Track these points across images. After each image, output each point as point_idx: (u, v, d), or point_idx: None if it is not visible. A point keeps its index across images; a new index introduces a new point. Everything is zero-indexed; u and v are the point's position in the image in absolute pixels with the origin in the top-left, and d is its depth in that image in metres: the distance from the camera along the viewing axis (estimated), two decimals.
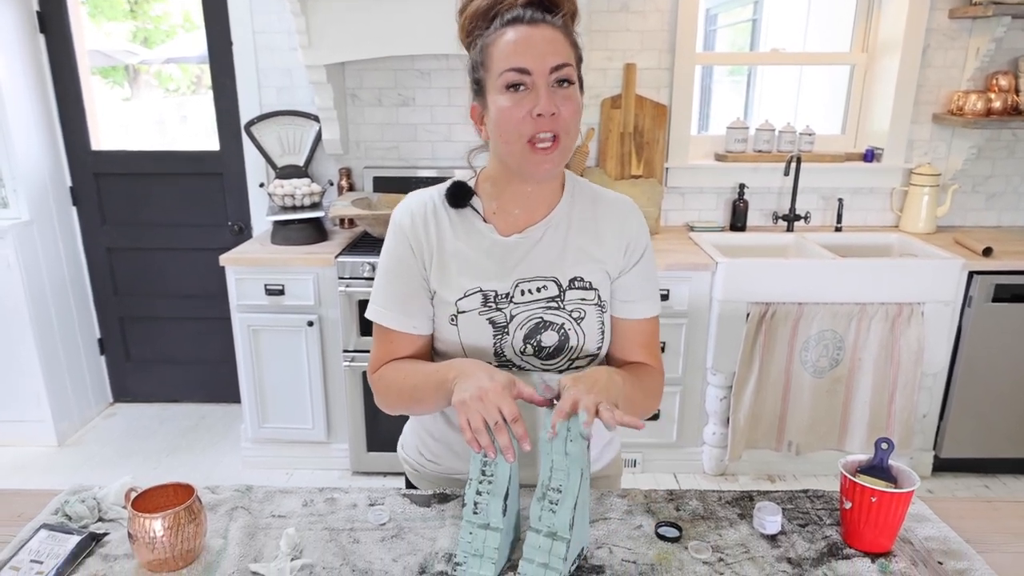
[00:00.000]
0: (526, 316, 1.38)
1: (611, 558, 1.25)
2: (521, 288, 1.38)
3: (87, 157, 3.87)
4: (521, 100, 1.26)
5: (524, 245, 1.40)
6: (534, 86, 1.25)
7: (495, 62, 1.27)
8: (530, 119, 1.25)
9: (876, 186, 3.75)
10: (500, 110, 1.27)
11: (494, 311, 1.38)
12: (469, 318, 1.38)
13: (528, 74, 1.25)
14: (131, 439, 3.90)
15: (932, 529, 1.34)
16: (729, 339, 3.21)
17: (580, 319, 1.39)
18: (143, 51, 4.51)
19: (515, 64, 1.25)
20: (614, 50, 3.58)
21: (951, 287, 3.16)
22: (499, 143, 1.31)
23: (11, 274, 3.54)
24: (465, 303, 1.38)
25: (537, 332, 1.38)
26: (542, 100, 1.24)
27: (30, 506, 1.42)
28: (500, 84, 1.27)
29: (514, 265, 1.39)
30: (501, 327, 1.38)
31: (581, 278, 1.40)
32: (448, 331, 1.41)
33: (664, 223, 3.81)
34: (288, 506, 1.40)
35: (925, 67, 3.57)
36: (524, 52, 1.25)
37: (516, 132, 1.27)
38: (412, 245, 1.41)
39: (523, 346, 1.38)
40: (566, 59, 1.27)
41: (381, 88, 3.65)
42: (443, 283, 1.40)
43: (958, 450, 3.45)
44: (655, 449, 3.49)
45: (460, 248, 1.40)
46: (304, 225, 3.40)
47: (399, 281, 1.42)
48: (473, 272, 1.39)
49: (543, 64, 1.25)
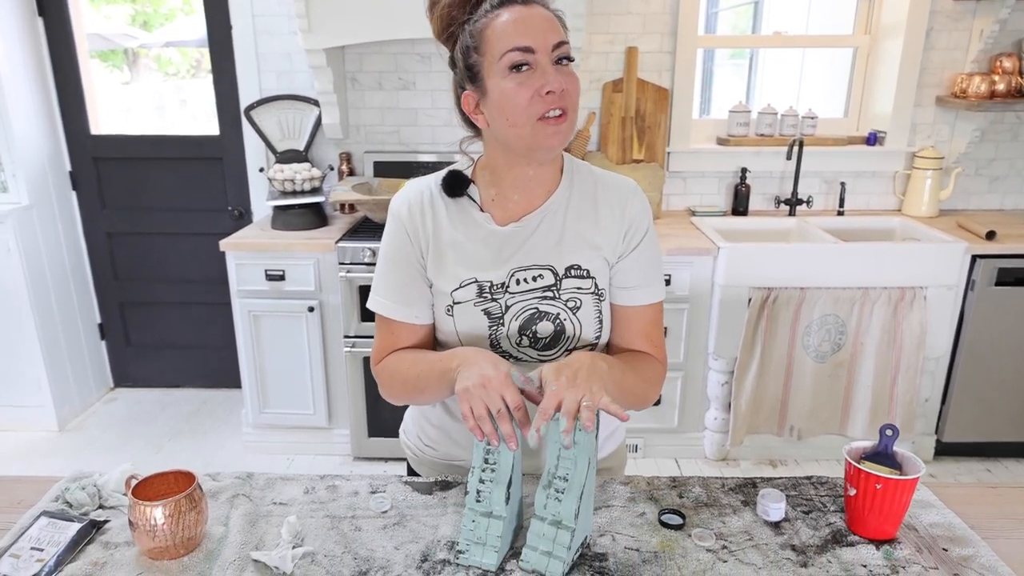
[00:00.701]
0: (521, 306, 1.36)
1: (614, 546, 1.24)
2: (517, 277, 1.37)
3: (86, 141, 3.85)
4: (527, 80, 1.23)
5: (521, 234, 1.38)
6: (538, 65, 1.23)
7: (493, 45, 1.25)
8: (539, 98, 1.23)
9: (879, 170, 3.73)
10: (505, 93, 1.25)
11: (489, 302, 1.37)
12: (464, 309, 1.37)
13: (532, 52, 1.23)
14: (132, 424, 3.90)
15: (937, 516, 1.33)
16: (731, 324, 3.20)
17: (576, 308, 1.37)
18: (142, 34, 4.48)
19: (518, 43, 1.23)
20: (616, 33, 3.55)
21: (954, 271, 3.15)
22: (504, 127, 1.28)
23: (11, 259, 3.53)
24: (460, 294, 1.37)
25: (532, 322, 1.37)
26: (551, 77, 1.23)
27: (30, 493, 1.41)
28: (503, 66, 1.24)
29: (510, 255, 1.37)
30: (496, 318, 1.37)
31: (578, 266, 1.38)
32: (445, 321, 1.40)
33: (666, 208, 3.79)
34: (289, 493, 1.40)
35: (928, 49, 3.55)
36: (525, 31, 1.23)
37: (525, 114, 1.24)
38: (409, 234, 1.40)
39: (519, 337, 1.37)
40: (564, 37, 1.26)
41: (381, 72, 3.62)
42: (439, 273, 1.39)
43: (960, 434, 3.45)
44: (656, 434, 3.49)
45: (457, 238, 1.39)
46: (304, 210, 3.39)
47: (399, 271, 1.41)
48: (469, 262, 1.38)
49: (545, 41, 1.23)
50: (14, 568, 1.18)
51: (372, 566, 1.20)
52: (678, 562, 1.20)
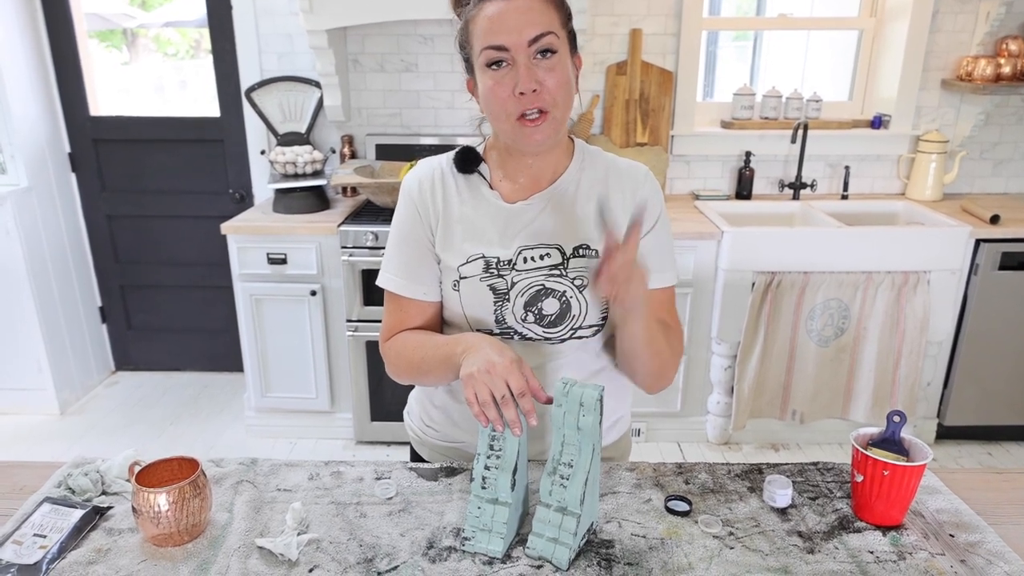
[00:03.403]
0: (527, 283, 1.36)
1: (620, 532, 1.24)
2: (524, 255, 1.36)
3: (86, 123, 3.83)
4: (503, 78, 1.24)
5: (529, 212, 1.38)
6: (514, 62, 1.23)
7: (475, 40, 1.26)
8: (513, 98, 1.24)
9: (883, 153, 3.71)
10: (485, 89, 1.27)
11: (495, 277, 1.36)
12: (470, 284, 1.37)
13: (506, 50, 1.23)
14: (134, 408, 3.90)
15: (943, 501, 1.33)
16: (734, 308, 3.19)
17: (582, 287, 1.36)
18: (141, 14, 4.44)
19: (491, 42, 1.23)
20: (620, 15, 3.52)
21: (958, 255, 3.14)
22: (491, 119, 1.31)
23: (10, 241, 3.51)
24: (467, 268, 1.37)
25: (538, 299, 1.36)
26: (521, 78, 1.23)
27: (33, 479, 1.41)
28: (482, 63, 1.26)
29: (517, 232, 1.37)
30: (502, 294, 1.36)
31: (587, 246, 1.37)
32: (451, 297, 1.40)
33: (669, 191, 3.78)
34: (294, 480, 1.39)
35: (934, 32, 3.52)
36: (499, 28, 1.22)
37: (503, 111, 1.26)
38: (420, 211, 1.40)
39: (524, 313, 1.36)
40: (546, 27, 1.24)
41: (383, 54, 3.60)
42: (447, 248, 1.39)
43: (961, 418, 3.45)
44: (659, 418, 3.49)
45: (466, 213, 1.39)
46: (306, 193, 3.37)
47: (408, 248, 1.41)
48: (477, 238, 1.38)
49: (520, 38, 1.22)
50: (17, 555, 1.17)
51: (378, 553, 1.19)
52: (684, 549, 1.20)
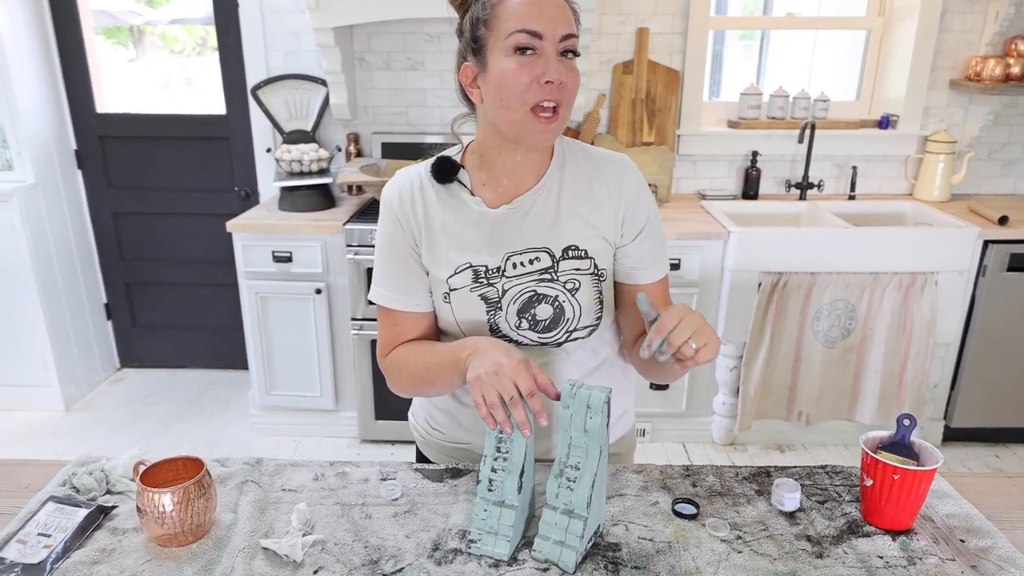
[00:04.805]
0: (519, 290, 1.35)
1: (627, 535, 1.23)
2: (512, 261, 1.35)
3: (92, 119, 3.82)
4: (528, 64, 1.22)
5: (513, 217, 1.36)
6: (543, 52, 1.22)
7: (503, 22, 1.23)
8: (537, 85, 1.22)
9: (891, 153, 3.70)
10: (504, 73, 1.23)
11: (486, 286, 1.35)
12: (461, 295, 1.36)
13: (540, 38, 1.21)
14: (138, 405, 3.90)
15: (954, 506, 1.32)
16: (740, 309, 3.18)
17: (575, 290, 1.35)
18: (147, 11, 4.44)
19: (528, 26, 1.21)
20: (627, 14, 3.51)
21: (966, 256, 3.12)
22: (497, 107, 1.26)
23: (16, 237, 3.51)
24: (456, 280, 1.36)
25: (531, 306, 1.35)
26: (552, 67, 1.21)
27: (37, 477, 1.40)
28: (508, 45, 1.22)
29: (503, 238, 1.36)
30: (494, 303, 1.35)
31: (576, 246, 1.36)
32: (443, 309, 1.39)
33: (676, 191, 3.76)
34: (299, 480, 1.38)
35: (943, 32, 3.50)
36: (538, 15, 1.21)
37: (520, 98, 1.23)
38: (401, 223, 1.38)
39: (517, 320, 1.35)
40: (574, 30, 1.25)
41: (390, 52, 3.59)
42: (434, 260, 1.37)
43: (968, 420, 3.43)
44: (664, 419, 3.48)
45: (448, 223, 1.37)
46: (312, 191, 3.36)
47: (395, 260, 1.40)
48: (462, 247, 1.36)
49: (555, 30, 1.22)
50: (21, 554, 1.17)
51: (383, 555, 1.18)
52: (692, 552, 1.19)
